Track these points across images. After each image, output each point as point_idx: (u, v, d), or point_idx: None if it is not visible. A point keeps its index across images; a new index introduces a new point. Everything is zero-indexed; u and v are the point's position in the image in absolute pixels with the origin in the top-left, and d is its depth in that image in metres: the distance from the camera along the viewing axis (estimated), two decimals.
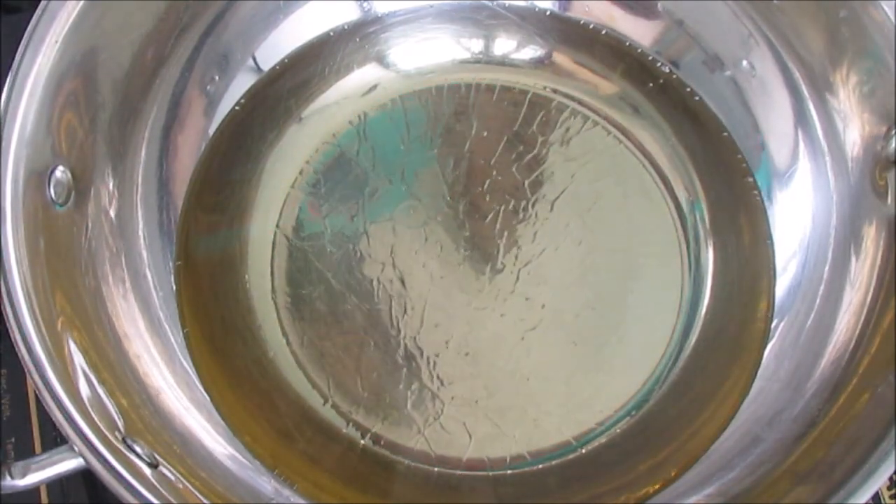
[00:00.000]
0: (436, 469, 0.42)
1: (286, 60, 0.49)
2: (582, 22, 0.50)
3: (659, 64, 0.49)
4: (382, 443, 0.43)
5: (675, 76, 0.49)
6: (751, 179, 0.47)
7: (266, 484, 0.41)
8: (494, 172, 0.48)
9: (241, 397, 0.43)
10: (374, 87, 0.50)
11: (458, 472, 0.42)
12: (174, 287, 0.44)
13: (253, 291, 0.45)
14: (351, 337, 0.44)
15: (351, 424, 0.43)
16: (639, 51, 0.49)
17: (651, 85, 0.49)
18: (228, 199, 0.47)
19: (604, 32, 0.50)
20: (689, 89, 0.49)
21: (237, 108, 0.48)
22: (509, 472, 0.42)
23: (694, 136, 0.48)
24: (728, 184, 0.47)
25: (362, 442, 0.43)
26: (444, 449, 0.42)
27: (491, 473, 0.42)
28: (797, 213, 0.46)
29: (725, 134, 0.48)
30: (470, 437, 0.42)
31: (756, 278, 0.45)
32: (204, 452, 0.41)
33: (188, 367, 0.43)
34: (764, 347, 0.43)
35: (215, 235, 0.46)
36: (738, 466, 0.40)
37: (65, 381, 0.34)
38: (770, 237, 0.45)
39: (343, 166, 0.48)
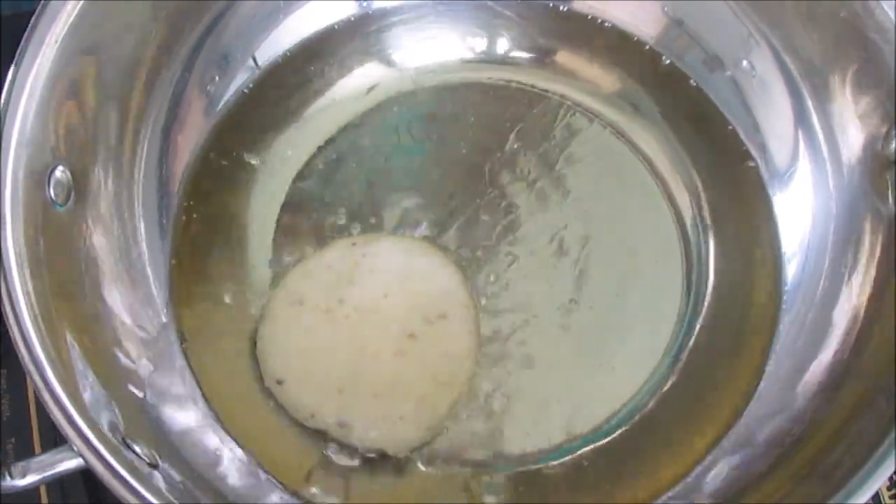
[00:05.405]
0: (435, 469, 0.42)
1: (286, 59, 0.49)
2: (589, 18, 0.50)
3: (662, 58, 0.49)
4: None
5: (677, 67, 0.49)
6: (757, 178, 0.47)
7: (265, 484, 0.41)
8: (495, 171, 0.48)
9: (239, 393, 0.43)
10: (376, 86, 0.50)
11: (457, 472, 0.42)
12: (168, 284, 0.44)
13: (250, 285, 0.45)
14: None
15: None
16: (646, 47, 0.49)
17: (654, 82, 0.49)
18: (228, 199, 0.47)
19: (607, 25, 0.50)
20: (692, 81, 0.49)
21: (236, 107, 0.48)
22: (509, 471, 0.42)
23: (695, 134, 0.48)
24: (731, 182, 0.47)
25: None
26: (444, 448, 0.42)
27: (490, 473, 0.42)
28: (797, 214, 0.46)
29: (730, 128, 0.48)
30: (469, 436, 0.42)
31: (762, 276, 0.45)
32: (204, 452, 0.41)
33: (188, 366, 0.43)
34: (770, 348, 0.43)
35: (213, 233, 0.46)
36: (738, 467, 0.40)
37: (65, 381, 0.34)
38: (777, 235, 0.45)
39: (343, 165, 0.48)
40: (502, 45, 0.51)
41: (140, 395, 0.40)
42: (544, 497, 0.41)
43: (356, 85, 0.50)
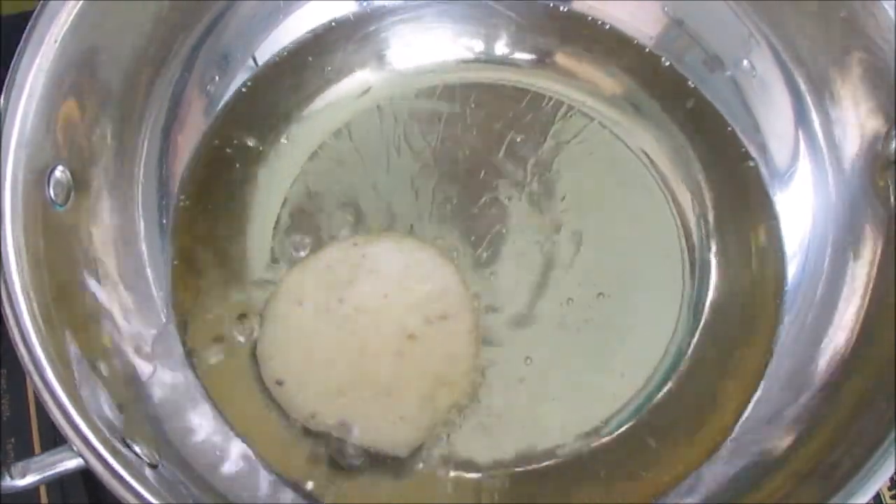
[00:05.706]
0: (435, 469, 0.42)
1: (285, 58, 0.49)
2: (589, 18, 0.50)
3: (661, 59, 0.49)
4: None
5: (676, 67, 0.49)
6: (757, 178, 0.47)
7: (265, 484, 0.41)
8: (494, 171, 0.48)
9: (239, 393, 0.43)
10: (374, 85, 0.50)
11: (457, 472, 0.42)
12: (168, 284, 0.44)
13: (250, 285, 0.45)
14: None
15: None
16: (646, 48, 0.49)
17: (653, 82, 0.49)
18: (228, 199, 0.47)
19: (607, 27, 0.50)
20: (691, 82, 0.49)
21: (236, 106, 0.48)
22: (509, 471, 0.42)
23: (695, 134, 0.48)
24: (731, 182, 0.47)
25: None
26: (444, 448, 0.42)
27: (490, 472, 0.42)
28: (797, 214, 0.46)
29: (730, 128, 0.48)
30: (469, 436, 0.42)
31: (762, 276, 0.45)
32: (204, 452, 0.41)
33: (188, 366, 0.43)
34: (771, 348, 0.43)
35: (213, 234, 0.46)
36: (738, 466, 0.40)
37: (65, 381, 0.34)
38: (777, 234, 0.45)
39: (342, 166, 0.48)
40: (501, 46, 0.51)
41: (140, 394, 0.40)
42: (544, 497, 0.41)
43: (355, 85, 0.50)
